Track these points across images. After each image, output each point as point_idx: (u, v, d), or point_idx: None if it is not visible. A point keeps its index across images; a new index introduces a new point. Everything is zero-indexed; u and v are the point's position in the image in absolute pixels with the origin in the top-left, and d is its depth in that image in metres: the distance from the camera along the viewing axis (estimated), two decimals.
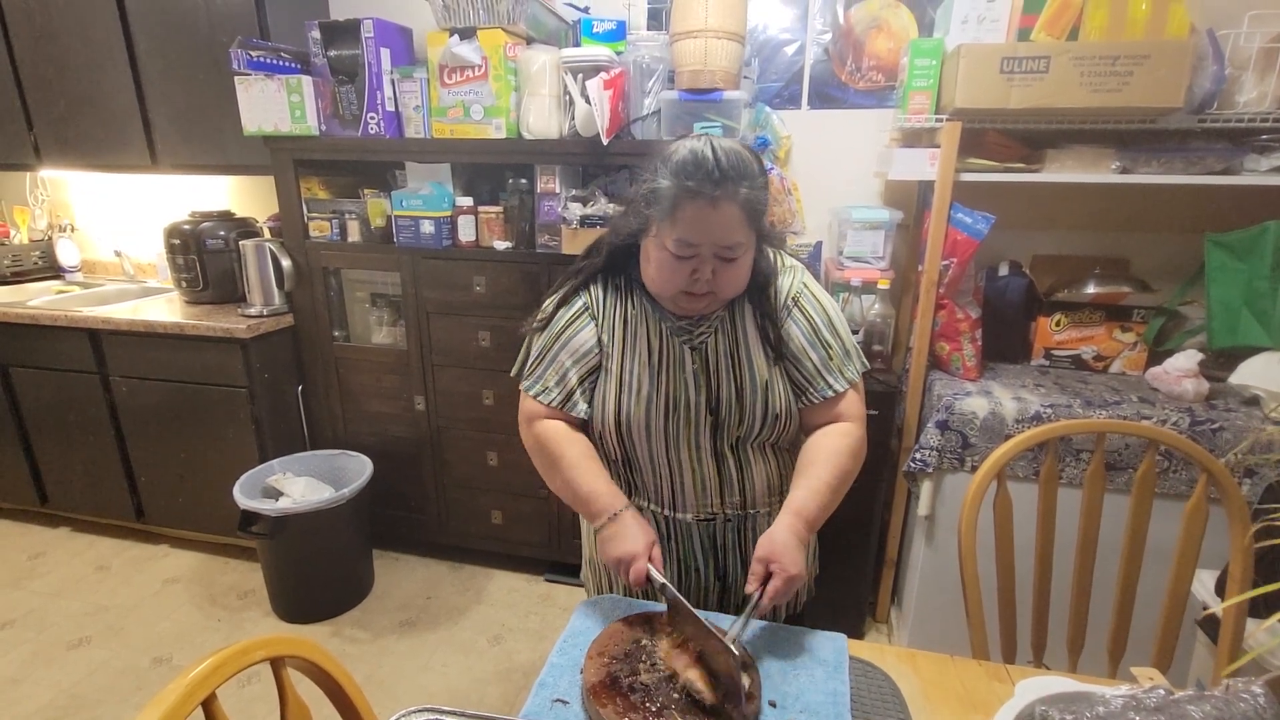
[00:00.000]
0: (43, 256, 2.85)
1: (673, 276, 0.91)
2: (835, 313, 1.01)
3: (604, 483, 0.96)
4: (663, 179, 0.88)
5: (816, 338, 0.99)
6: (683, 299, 0.93)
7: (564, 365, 1.00)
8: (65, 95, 2.32)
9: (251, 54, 1.95)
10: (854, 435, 0.99)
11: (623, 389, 0.98)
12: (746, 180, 0.86)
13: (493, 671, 1.89)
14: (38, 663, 1.90)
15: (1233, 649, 1.03)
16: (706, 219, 0.86)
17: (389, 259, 2.08)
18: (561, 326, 1.01)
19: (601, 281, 1.02)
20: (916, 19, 1.94)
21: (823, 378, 0.99)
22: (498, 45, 1.80)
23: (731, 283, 0.92)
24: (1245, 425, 1.47)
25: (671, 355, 0.98)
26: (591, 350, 1.00)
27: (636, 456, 1.02)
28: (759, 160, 0.90)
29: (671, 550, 1.06)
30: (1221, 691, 0.60)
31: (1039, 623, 1.15)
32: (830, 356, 0.99)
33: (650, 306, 1.00)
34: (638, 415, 0.98)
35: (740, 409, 0.97)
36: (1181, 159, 1.55)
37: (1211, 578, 1.35)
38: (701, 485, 1.01)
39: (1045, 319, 1.81)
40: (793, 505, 0.93)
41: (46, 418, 2.39)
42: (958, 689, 0.86)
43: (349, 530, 2.10)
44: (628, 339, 0.99)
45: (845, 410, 1.00)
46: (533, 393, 1.01)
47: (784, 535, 0.89)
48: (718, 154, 0.85)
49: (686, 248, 0.88)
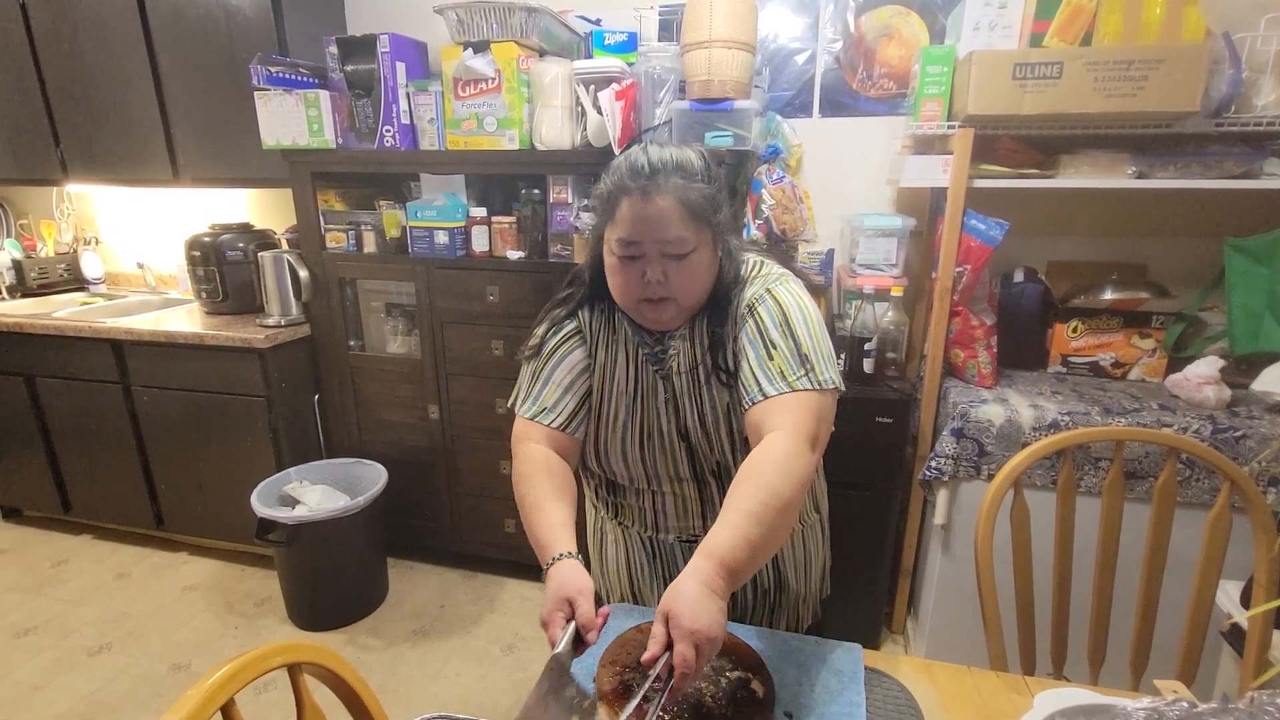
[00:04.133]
0: (68, 269, 2.91)
1: (626, 281, 0.90)
2: (799, 314, 0.89)
3: (558, 524, 0.88)
4: (603, 184, 0.91)
5: (760, 338, 0.88)
6: (645, 308, 0.91)
7: (562, 383, 0.98)
8: (91, 112, 2.38)
9: (271, 69, 1.99)
10: (780, 445, 0.79)
11: (601, 419, 0.99)
12: (680, 174, 0.86)
13: (506, 680, 1.89)
14: (59, 669, 1.93)
15: (1259, 661, 1.00)
16: (640, 214, 0.86)
17: (404, 269, 2.11)
18: (554, 348, 0.99)
19: (589, 307, 1.01)
20: (928, 26, 1.94)
21: (756, 379, 0.86)
22: (511, 58, 1.82)
23: (685, 284, 0.89)
24: (1269, 433, 1.44)
25: (645, 384, 0.97)
26: (586, 369, 0.99)
27: (618, 481, 1.02)
28: (704, 159, 0.90)
29: (657, 570, 1.06)
30: (1246, 704, 0.59)
31: (1058, 634, 1.13)
32: (770, 356, 0.86)
33: (630, 331, 0.98)
34: (614, 444, 0.98)
35: (707, 435, 0.94)
36: (1199, 163, 1.54)
37: (1236, 588, 1.33)
38: (683, 508, 1.00)
39: (1062, 325, 1.80)
40: (708, 545, 0.73)
41: (70, 427, 2.43)
42: (975, 700, 0.85)
43: (364, 538, 2.11)
44: (609, 367, 0.99)
45: (772, 417, 0.82)
46: (530, 414, 0.97)
47: (686, 583, 0.70)
48: (649, 152, 0.88)
49: (628, 246, 0.88)
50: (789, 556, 1.05)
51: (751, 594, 1.05)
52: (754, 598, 1.06)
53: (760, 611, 1.06)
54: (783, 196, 1.81)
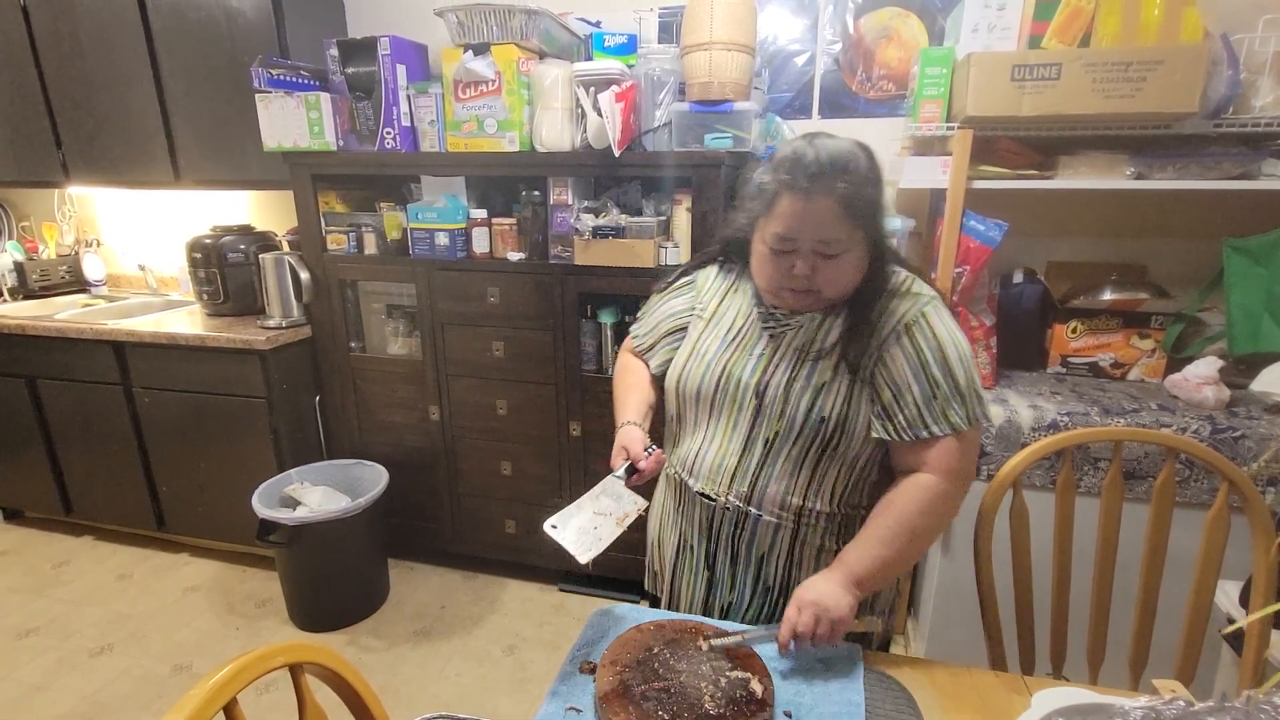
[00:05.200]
0: (69, 271, 2.92)
1: (773, 272, 0.92)
2: (955, 352, 0.90)
3: (630, 404, 1.09)
4: (764, 175, 0.91)
5: (923, 371, 0.90)
6: (786, 295, 0.94)
7: (655, 320, 1.13)
8: (92, 114, 2.38)
9: (272, 72, 1.99)
10: (934, 490, 0.90)
11: (692, 354, 1.03)
12: (845, 175, 0.85)
13: (507, 681, 1.90)
14: (61, 670, 1.93)
15: (1258, 661, 1.01)
16: (801, 212, 0.86)
17: (404, 271, 2.11)
18: (668, 292, 1.14)
19: (719, 265, 1.09)
20: (926, 28, 1.94)
21: (921, 417, 0.90)
22: (511, 60, 1.83)
23: (833, 281, 0.90)
24: (1268, 433, 1.45)
25: (748, 336, 1.00)
26: (681, 314, 1.09)
27: (685, 417, 1.05)
28: (870, 157, 0.89)
29: (678, 516, 1.09)
30: (1242, 703, 0.60)
31: (1057, 633, 1.13)
32: (935, 395, 0.89)
33: (751, 292, 1.03)
34: (694, 378, 1.01)
35: (785, 400, 0.94)
36: (1197, 164, 1.54)
37: (1235, 588, 1.33)
38: (719, 463, 0.99)
39: (1061, 326, 1.80)
40: (841, 556, 0.91)
41: (71, 428, 2.44)
42: (974, 700, 0.85)
43: (365, 539, 2.11)
44: (717, 313, 1.05)
45: (932, 459, 0.90)
46: (632, 333, 1.18)
47: (815, 578, 0.89)
48: (817, 149, 0.86)
49: (783, 242, 0.89)
50: None
51: (751, 592, 1.04)
52: (751, 595, 1.04)
53: (759, 611, 1.04)
54: None
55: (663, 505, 1.14)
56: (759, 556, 1.00)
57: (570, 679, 0.85)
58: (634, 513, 0.92)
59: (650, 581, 1.22)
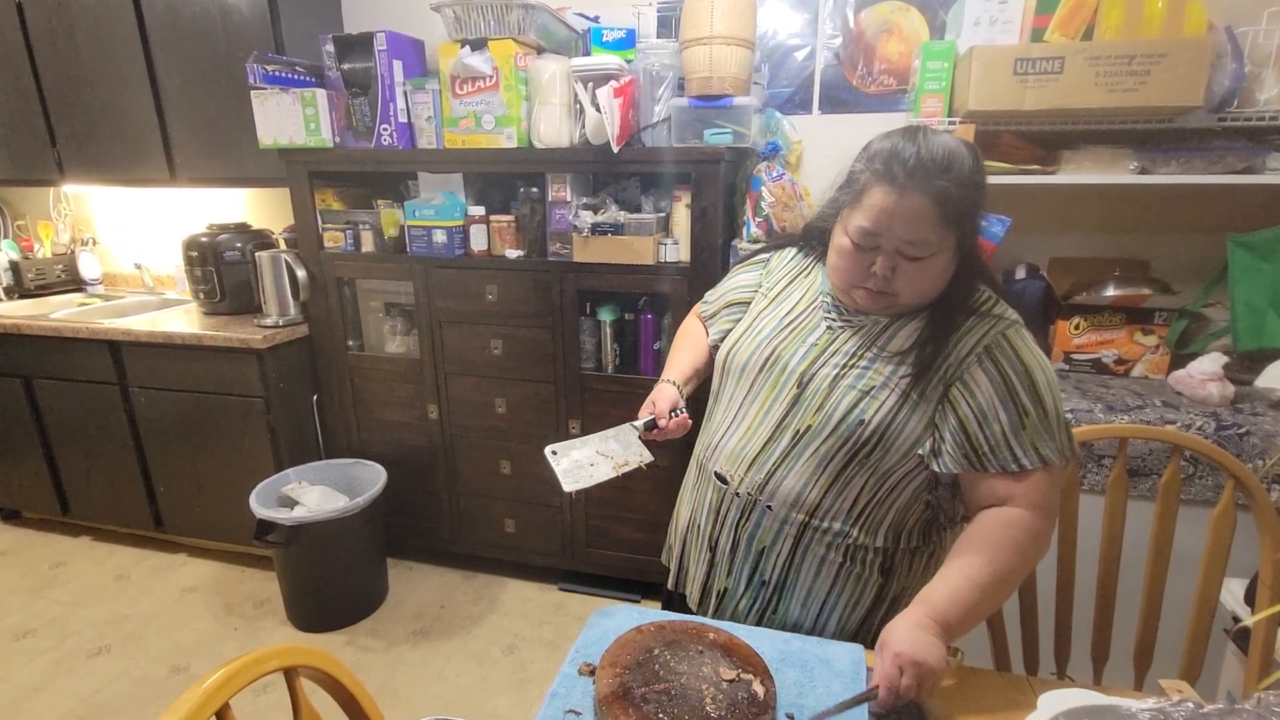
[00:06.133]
0: (65, 270, 2.90)
1: (851, 267, 0.88)
2: (1044, 379, 0.85)
3: (674, 364, 1.14)
4: (860, 164, 0.87)
5: (1010, 397, 0.83)
6: (860, 294, 0.89)
7: (722, 291, 1.13)
8: (87, 112, 2.37)
9: (267, 68, 1.98)
10: (1026, 527, 0.82)
11: (748, 330, 1.01)
12: (945, 174, 0.80)
13: (506, 681, 1.89)
14: (59, 671, 1.92)
15: (1264, 660, 1.00)
16: (890, 208, 0.81)
17: (402, 269, 2.10)
18: (742, 265, 1.14)
19: (798, 248, 1.07)
20: (928, 21, 1.93)
21: (1010, 446, 0.83)
22: (508, 55, 1.81)
23: (913, 286, 0.85)
24: (1273, 429, 1.43)
25: (807, 321, 0.97)
26: (747, 288, 1.09)
27: (723, 393, 1.03)
28: (976, 158, 0.83)
29: (694, 495, 1.07)
30: (1253, 705, 0.58)
31: (1062, 633, 1.12)
32: (1023, 424, 0.83)
33: (821, 278, 0.99)
34: (743, 353, 0.99)
35: (826, 395, 0.90)
36: (1201, 158, 1.53)
37: (1241, 586, 1.32)
38: (741, 447, 0.97)
39: (1064, 322, 1.79)
40: (924, 594, 0.82)
41: (68, 428, 2.43)
42: (978, 701, 0.84)
43: (363, 539, 2.10)
44: (783, 293, 1.02)
45: (1021, 493, 0.83)
46: (703, 300, 1.19)
47: (900, 621, 0.79)
48: (919, 142, 0.82)
49: (867, 236, 0.84)
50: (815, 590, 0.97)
51: (746, 583, 1.00)
52: (746, 585, 1.01)
53: (751, 603, 1.01)
54: (783, 194, 1.80)
55: (685, 479, 1.13)
56: (759, 550, 0.98)
57: (569, 681, 0.84)
58: (635, 463, 0.91)
59: (665, 554, 1.20)
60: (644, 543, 2.13)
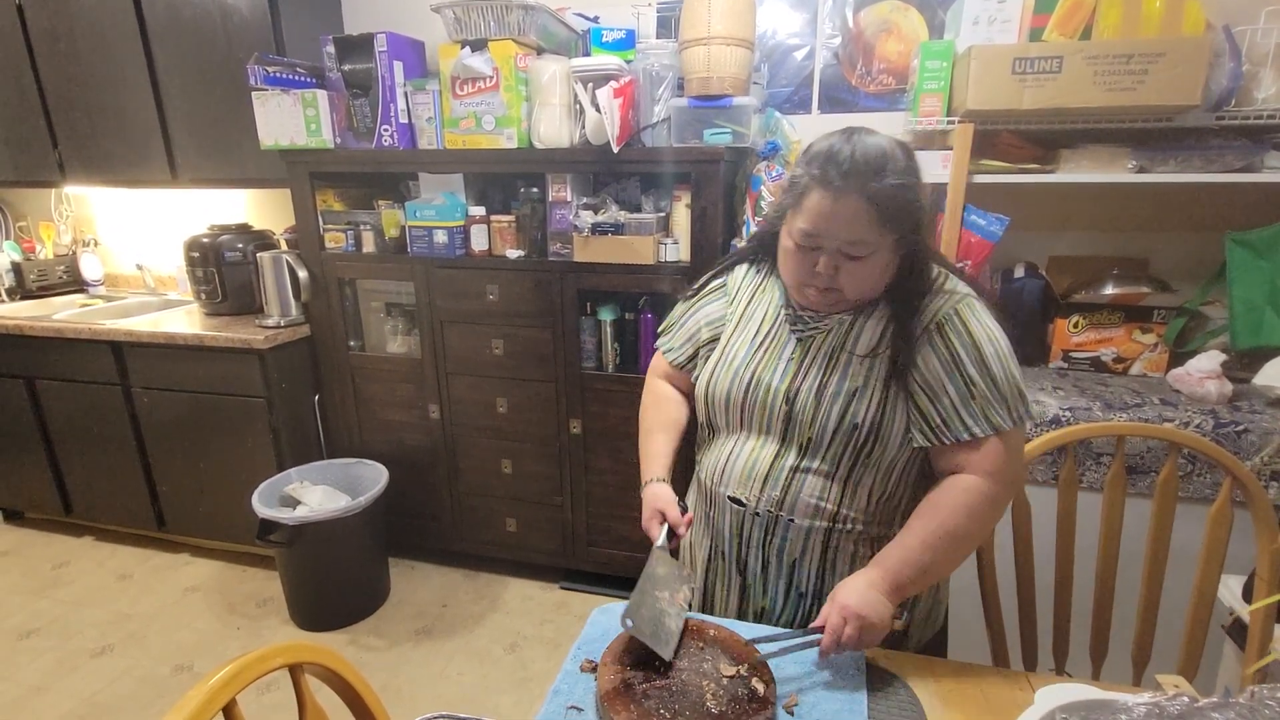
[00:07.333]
0: (67, 271, 2.91)
1: (796, 268, 0.91)
2: (991, 347, 0.88)
3: (655, 454, 1.08)
4: (799, 168, 0.89)
5: (956, 369, 0.87)
6: (809, 291, 0.91)
7: (690, 330, 1.09)
8: (88, 113, 2.37)
9: (268, 69, 1.98)
10: (977, 492, 0.86)
11: (721, 359, 1.01)
12: (879, 176, 0.81)
13: (508, 679, 1.89)
14: (62, 671, 1.93)
15: (1261, 655, 1.00)
16: (827, 211, 0.84)
17: (403, 269, 2.11)
18: (700, 298, 1.09)
19: (748, 264, 1.07)
20: (926, 21, 1.93)
21: (959, 417, 0.87)
22: (508, 56, 1.82)
23: (856, 284, 0.88)
24: (1271, 427, 1.44)
25: (777, 339, 0.98)
26: (718, 321, 1.06)
27: (716, 424, 1.03)
28: (908, 156, 0.86)
29: (710, 522, 1.05)
30: (1246, 699, 0.59)
31: (1060, 629, 1.13)
32: (972, 394, 0.86)
33: (779, 292, 1.00)
34: (723, 385, 0.99)
35: (816, 406, 0.91)
36: (1200, 157, 1.53)
37: (1238, 583, 1.33)
38: (750, 468, 0.97)
39: (1063, 321, 1.79)
40: (879, 557, 0.87)
41: (70, 429, 2.43)
42: (977, 697, 0.85)
43: (365, 538, 2.11)
44: (745, 315, 1.02)
45: (975, 460, 0.87)
46: (662, 349, 1.13)
47: (853, 579, 0.85)
48: (853, 144, 0.83)
49: (808, 238, 0.87)
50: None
51: (784, 598, 1.00)
52: (784, 600, 1.01)
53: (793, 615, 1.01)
54: None
55: (694, 512, 1.10)
56: (790, 563, 0.97)
57: (571, 677, 0.85)
58: (688, 591, 0.89)
59: None
60: (645, 542, 2.13)
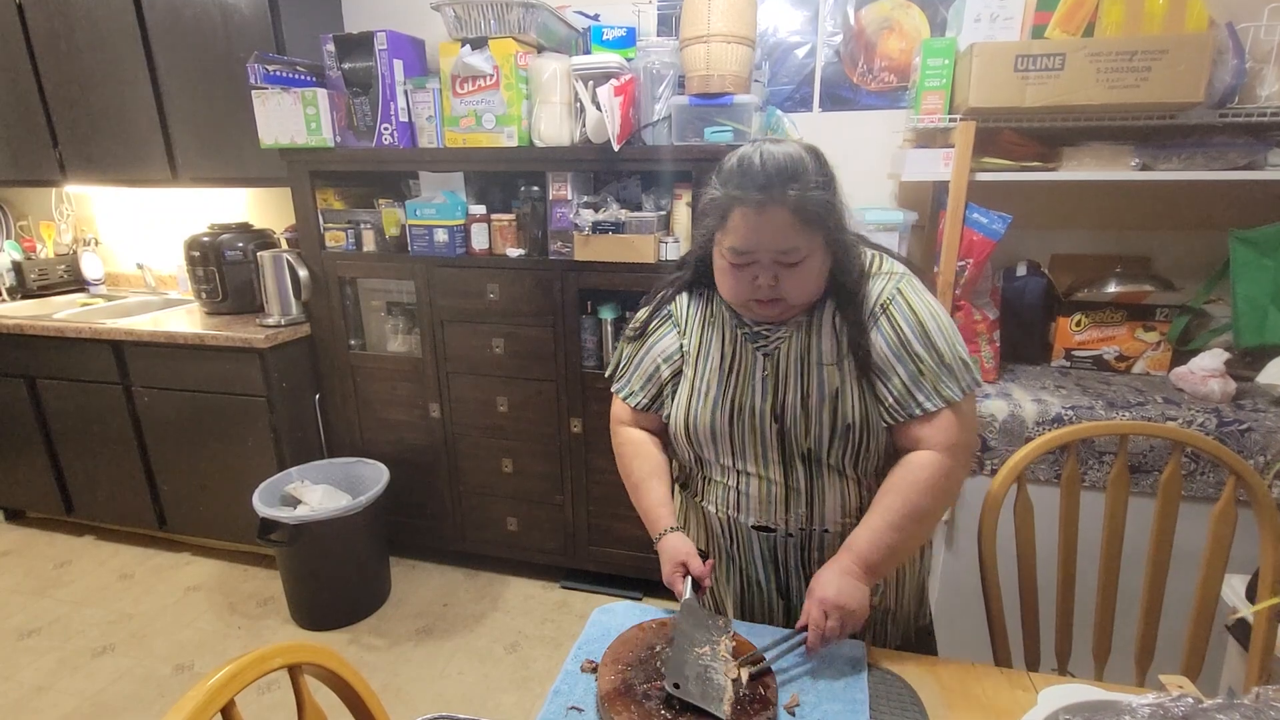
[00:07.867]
0: (68, 270, 2.91)
1: (736, 285, 0.90)
2: (934, 322, 0.90)
3: (659, 503, 1.02)
4: (715, 189, 0.89)
5: (904, 350, 0.89)
6: (754, 306, 0.91)
7: (648, 370, 1.04)
8: (89, 113, 2.37)
9: (268, 68, 1.98)
10: (934, 467, 0.88)
11: (693, 394, 0.99)
12: (796, 182, 0.83)
13: (509, 679, 1.89)
14: (63, 670, 1.93)
15: (1265, 655, 1.00)
16: (754, 225, 0.84)
17: (403, 268, 2.10)
18: (648, 334, 1.05)
19: (688, 291, 1.04)
20: (928, 18, 1.92)
21: (911, 395, 0.89)
22: (509, 54, 1.81)
23: (798, 289, 0.88)
24: (1275, 426, 1.43)
25: (743, 361, 0.97)
26: (674, 355, 1.02)
27: (705, 459, 1.01)
28: (818, 159, 0.87)
29: (734, 556, 1.02)
30: (1251, 700, 0.59)
31: (1063, 629, 1.12)
32: (921, 371, 0.88)
33: (728, 313, 0.99)
34: (704, 420, 0.97)
35: (806, 417, 0.92)
36: (1203, 154, 1.52)
37: (1242, 582, 1.32)
38: (767, 493, 0.96)
39: (1065, 319, 1.79)
40: (849, 541, 0.89)
41: (71, 428, 2.43)
42: (979, 697, 0.85)
43: (366, 537, 2.11)
44: (703, 345, 1.00)
45: (929, 435, 0.89)
46: (621, 395, 1.07)
47: (827, 569, 0.88)
48: (764, 158, 0.84)
49: (740, 255, 0.87)
50: None
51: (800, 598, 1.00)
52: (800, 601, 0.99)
53: None
54: None
55: (709, 546, 1.07)
56: None
57: (572, 678, 0.84)
58: (727, 639, 0.87)
59: None
60: (646, 540, 2.10)
